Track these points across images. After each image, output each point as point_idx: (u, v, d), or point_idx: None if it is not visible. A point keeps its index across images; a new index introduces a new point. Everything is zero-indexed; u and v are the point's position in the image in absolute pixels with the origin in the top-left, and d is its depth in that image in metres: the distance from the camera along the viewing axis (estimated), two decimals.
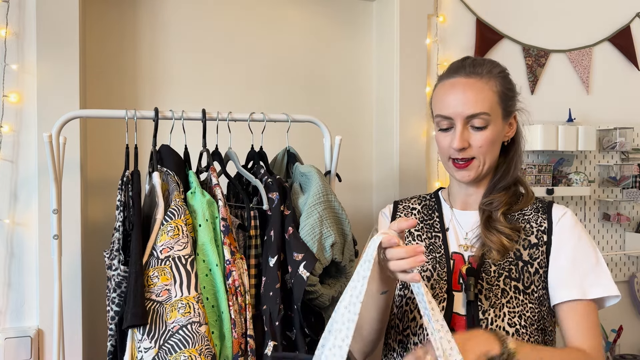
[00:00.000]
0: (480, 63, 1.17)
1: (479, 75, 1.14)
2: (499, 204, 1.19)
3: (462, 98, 1.13)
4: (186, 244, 1.18)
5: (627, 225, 2.42)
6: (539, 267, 1.15)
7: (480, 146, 1.14)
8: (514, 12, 2.20)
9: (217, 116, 1.38)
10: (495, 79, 1.15)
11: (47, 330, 1.52)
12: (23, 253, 1.54)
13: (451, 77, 1.17)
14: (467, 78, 1.14)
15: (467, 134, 1.14)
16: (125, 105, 1.71)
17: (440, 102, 1.17)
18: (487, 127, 1.13)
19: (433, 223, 1.27)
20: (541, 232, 1.17)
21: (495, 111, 1.15)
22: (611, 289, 1.13)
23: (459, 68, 1.17)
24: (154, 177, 1.26)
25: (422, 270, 1.22)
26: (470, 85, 1.13)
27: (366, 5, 2.08)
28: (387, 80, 2.01)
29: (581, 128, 2.19)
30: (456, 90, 1.14)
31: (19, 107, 1.54)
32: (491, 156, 1.17)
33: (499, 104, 1.15)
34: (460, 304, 1.16)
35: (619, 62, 2.41)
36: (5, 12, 1.51)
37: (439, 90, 1.19)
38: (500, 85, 1.16)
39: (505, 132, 1.20)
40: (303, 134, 1.72)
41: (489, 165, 1.18)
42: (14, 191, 1.53)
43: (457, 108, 1.13)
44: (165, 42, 1.80)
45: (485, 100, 1.13)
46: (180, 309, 1.14)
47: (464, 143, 1.13)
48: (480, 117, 1.12)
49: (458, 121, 1.13)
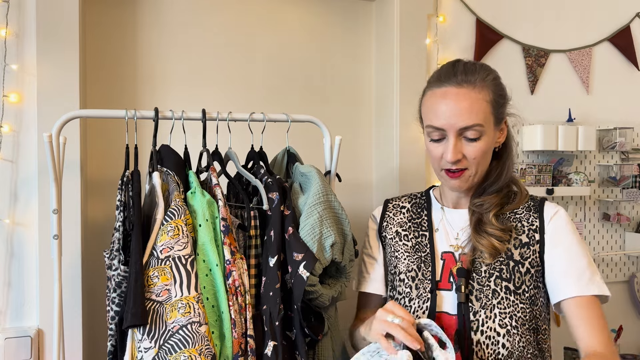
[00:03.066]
0: (472, 70, 1.13)
1: (471, 84, 1.11)
2: (489, 206, 1.19)
3: (454, 109, 1.09)
4: (186, 244, 1.18)
5: (627, 225, 2.42)
6: (530, 266, 1.15)
7: (474, 157, 1.13)
8: (514, 12, 2.20)
9: (217, 116, 1.38)
10: (487, 88, 1.12)
11: (47, 330, 1.52)
12: (23, 253, 1.54)
13: (442, 86, 1.13)
14: (459, 88, 1.10)
15: (460, 145, 1.12)
16: (125, 105, 1.71)
17: (432, 112, 1.13)
18: (481, 138, 1.11)
19: (421, 222, 1.27)
20: (532, 231, 1.17)
21: (488, 121, 1.12)
22: (604, 289, 1.14)
23: (450, 75, 1.13)
24: (154, 177, 1.26)
25: (407, 270, 1.22)
26: (462, 95, 1.10)
27: (366, 5, 2.08)
28: (387, 80, 2.01)
29: (581, 128, 2.19)
30: (448, 100, 1.10)
31: (19, 107, 1.54)
32: (484, 165, 1.17)
33: (492, 113, 1.13)
34: (450, 303, 1.16)
35: (619, 62, 2.41)
36: (5, 12, 1.51)
37: (429, 99, 1.15)
38: (493, 93, 1.13)
39: (497, 139, 1.18)
40: (303, 134, 1.72)
41: (481, 174, 1.18)
42: (14, 191, 1.53)
43: (450, 120, 1.10)
44: (165, 42, 1.80)
45: (480, 112, 1.10)
46: (180, 309, 1.14)
47: (457, 155, 1.11)
48: (474, 129, 1.10)
49: (451, 133, 1.11)
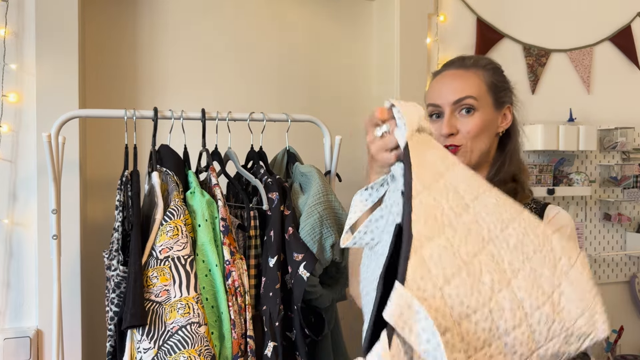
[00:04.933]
0: (470, 58, 1.23)
1: (466, 67, 1.19)
2: None
3: (449, 86, 1.17)
4: (185, 244, 1.17)
5: (628, 225, 2.41)
6: None
7: (468, 131, 1.14)
8: (515, 11, 2.20)
9: (216, 116, 1.37)
10: (483, 70, 1.19)
11: (47, 330, 1.51)
12: (22, 253, 1.54)
13: (442, 72, 1.23)
14: (456, 70, 1.20)
15: (454, 120, 1.16)
16: (124, 104, 1.71)
17: (431, 93, 1.22)
18: (475, 112, 1.15)
19: None
20: None
21: (484, 98, 1.17)
22: None
23: (449, 63, 1.24)
24: (153, 177, 1.25)
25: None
26: (458, 75, 1.18)
27: (366, 4, 2.07)
28: (387, 80, 2.00)
29: (582, 128, 2.18)
30: (444, 80, 1.20)
31: (18, 106, 1.53)
32: (480, 145, 1.16)
33: (488, 93, 1.18)
34: None
35: (620, 62, 2.40)
36: (4, 11, 1.51)
37: (431, 84, 1.25)
38: (490, 76, 1.19)
39: (499, 123, 1.20)
40: (303, 134, 1.71)
41: (477, 154, 1.16)
42: (13, 191, 1.53)
43: (444, 94, 1.17)
44: (165, 41, 1.79)
45: (473, 87, 1.16)
46: (179, 310, 1.14)
47: (451, 129, 1.15)
48: (466, 100, 1.15)
49: (446, 108, 1.16)
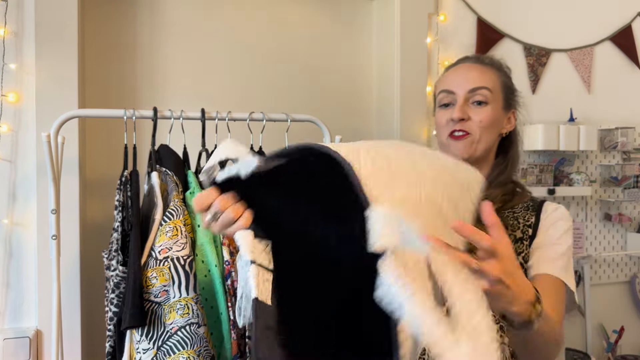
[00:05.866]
0: (486, 57, 1.26)
1: (483, 63, 1.21)
2: (492, 199, 1.18)
3: (465, 75, 1.19)
4: (185, 245, 1.17)
5: (629, 225, 2.41)
6: (523, 261, 1.14)
7: (481, 120, 1.15)
8: (515, 11, 2.19)
9: (216, 116, 1.37)
10: (499, 70, 1.21)
11: (46, 330, 1.51)
12: (21, 253, 1.54)
13: (457, 64, 1.24)
14: (473, 63, 1.21)
15: (466, 108, 1.17)
16: (124, 104, 1.71)
17: (444, 80, 1.22)
18: (488, 103, 1.16)
19: None
20: (527, 227, 1.17)
21: (497, 94, 1.18)
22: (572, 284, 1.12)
23: (466, 58, 1.25)
24: (153, 177, 1.25)
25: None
26: (475, 67, 1.20)
27: (366, 4, 2.07)
28: (388, 80, 2.00)
29: (582, 128, 2.18)
30: (461, 70, 1.21)
31: (17, 106, 1.53)
32: (488, 137, 1.17)
33: (501, 91, 1.19)
34: None
35: (621, 62, 2.40)
36: (4, 11, 1.51)
37: (444, 74, 1.26)
38: (504, 76, 1.21)
39: (505, 124, 1.22)
40: (303, 133, 1.70)
41: (483, 147, 1.17)
42: (12, 191, 1.53)
43: (460, 82, 1.18)
44: (164, 41, 1.79)
45: (489, 80, 1.17)
46: (178, 310, 1.13)
47: (464, 114, 1.15)
48: (482, 91, 1.16)
49: (460, 94, 1.17)
